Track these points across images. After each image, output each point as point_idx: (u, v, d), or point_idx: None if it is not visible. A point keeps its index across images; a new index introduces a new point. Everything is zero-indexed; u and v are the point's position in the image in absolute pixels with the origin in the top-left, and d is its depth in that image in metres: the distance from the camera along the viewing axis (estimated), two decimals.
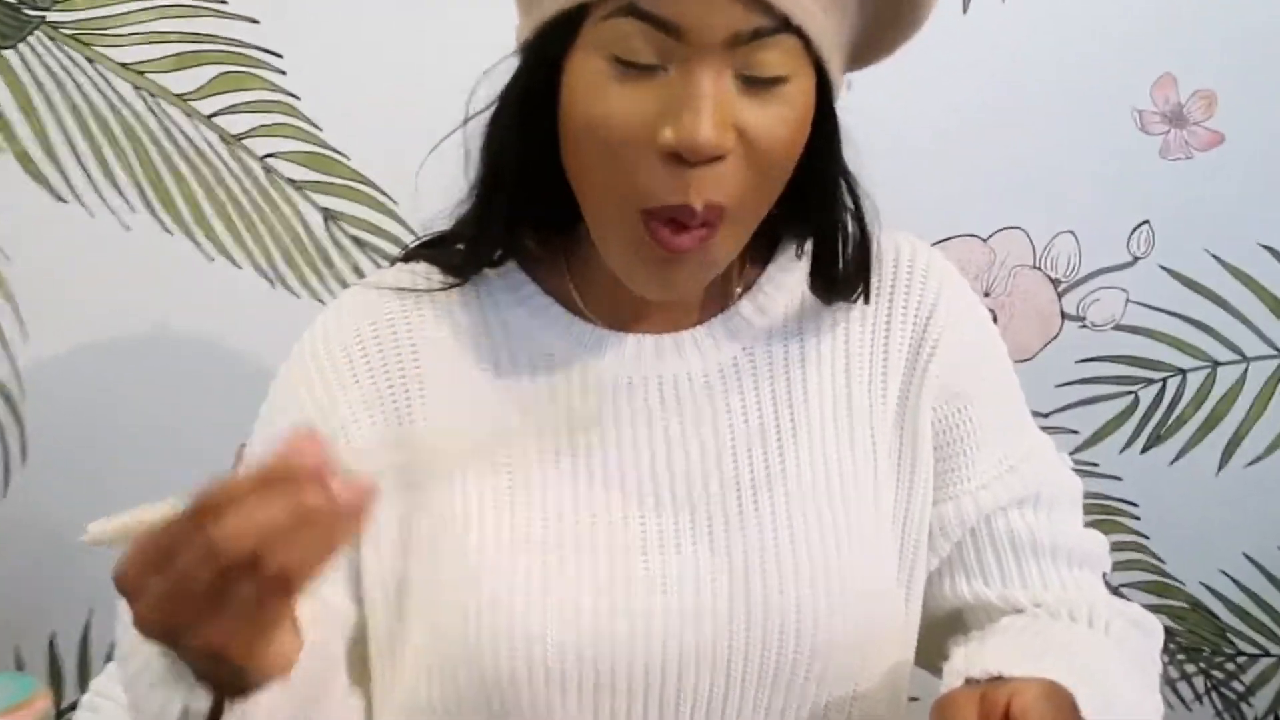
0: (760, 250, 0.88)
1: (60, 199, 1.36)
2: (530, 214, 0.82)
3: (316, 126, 1.38)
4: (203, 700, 0.63)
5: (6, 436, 1.41)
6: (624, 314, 0.84)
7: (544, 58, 0.74)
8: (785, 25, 0.70)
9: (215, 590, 0.54)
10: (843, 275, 0.84)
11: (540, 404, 0.84)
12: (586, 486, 0.83)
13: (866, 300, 0.86)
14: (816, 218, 0.83)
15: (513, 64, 0.78)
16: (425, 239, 0.89)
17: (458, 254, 0.84)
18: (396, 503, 0.83)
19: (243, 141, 1.37)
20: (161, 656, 0.63)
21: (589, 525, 0.82)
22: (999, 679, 0.72)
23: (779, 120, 0.72)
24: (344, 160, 1.39)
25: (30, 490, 1.41)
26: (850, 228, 0.83)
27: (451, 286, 0.85)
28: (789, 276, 0.87)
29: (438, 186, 0.84)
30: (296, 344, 0.88)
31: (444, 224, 0.87)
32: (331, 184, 1.40)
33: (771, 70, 0.71)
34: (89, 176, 1.36)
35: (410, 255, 0.89)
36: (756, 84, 0.71)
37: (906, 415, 0.87)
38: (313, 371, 0.85)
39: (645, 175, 0.72)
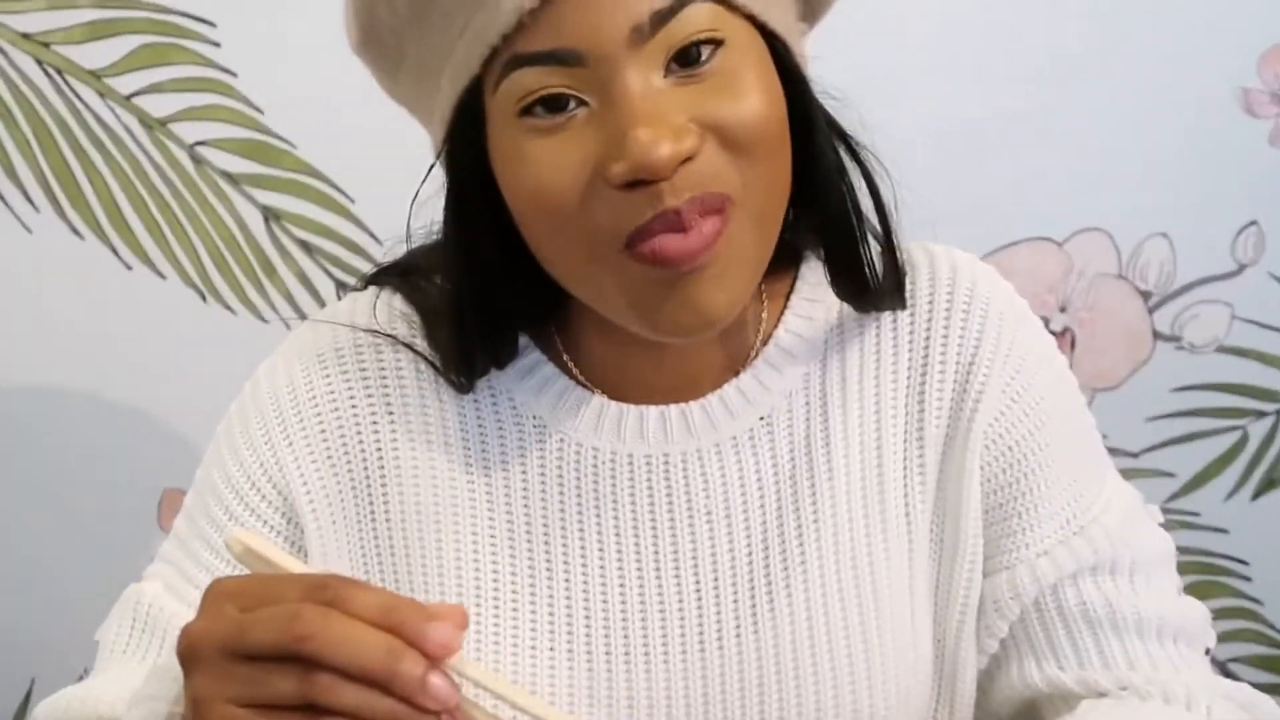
0: (776, 290, 0.89)
1: None
2: (518, 307, 0.83)
3: (256, 109, 1.38)
4: None
5: None
6: (627, 385, 0.85)
7: (465, 159, 0.75)
8: None
9: (251, 654, 0.58)
10: (868, 274, 0.83)
11: (525, 482, 0.85)
12: (570, 582, 0.84)
13: (902, 307, 0.86)
14: (820, 208, 0.82)
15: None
16: (395, 263, 0.90)
17: (444, 353, 0.84)
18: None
19: (168, 127, 1.37)
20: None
21: (567, 629, 0.83)
22: None
23: (731, 90, 0.72)
24: (289, 149, 1.39)
25: None
26: (854, 220, 0.82)
27: (459, 390, 0.85)
28: (810, 324, 0.87)
29: (400, 182, 0.83)
30: (246, 385, 0.89)
31: (415, 234, 0.87)
32: (274, 178, 1.40)
33: (698, 34, 0.70)
34: None
35: (379, 279, 0.89)
36: (689, 65, 0.71)
37: (949, 480, 0.87)
38: (243, 431, 0.87)
39: (608, 211, 0.71)
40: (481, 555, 0.84)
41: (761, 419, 0.86)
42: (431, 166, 0.80)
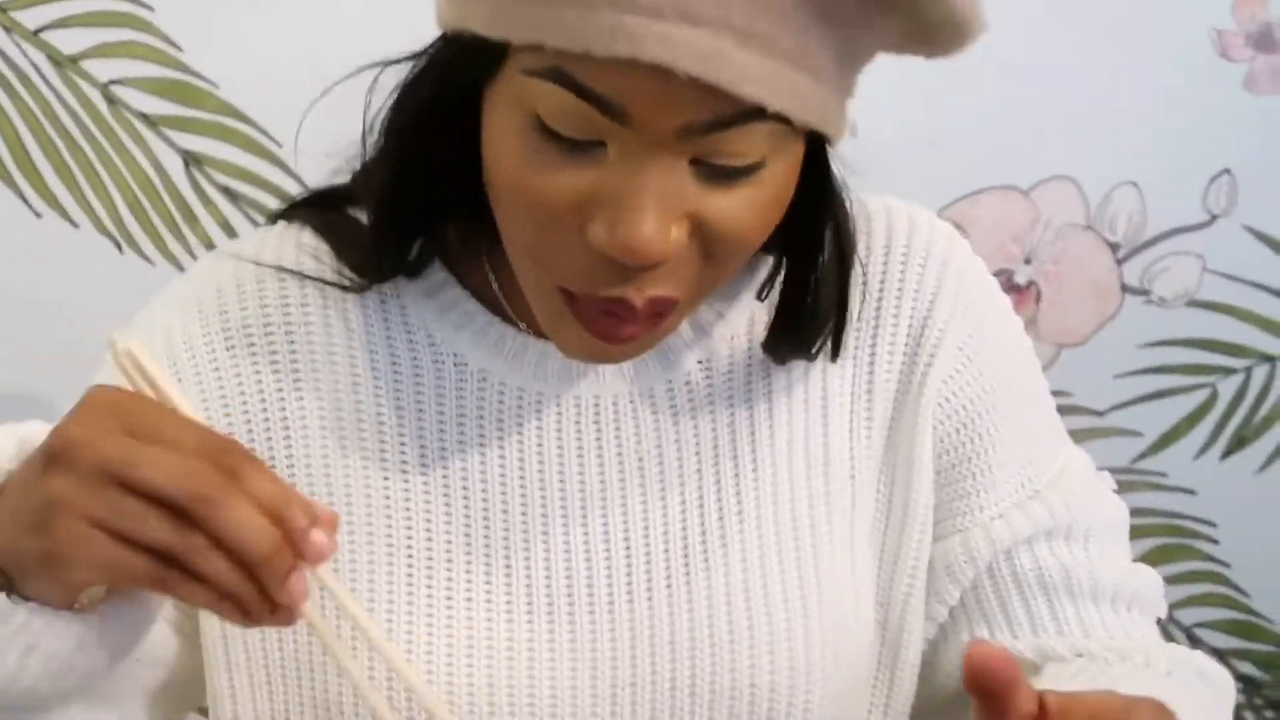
0: None
1: None
2: (449, 208, 0.81)
3: (176, 46, 1.36)
4: None
5: None
6: None
7: (460, 68, 0.73)
8: (758, 112, 0.66)
9: (135, 489, 0.59)
10: (814, 338, 0.84)
11: (442, 421, 0.85)
12: (490, 526, 0.84)
13: (833, 359, 0.86)
14: (793, 263, 0.83)
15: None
16: (310, 194, 0.87)
17: (360, 249, 0.83)
18: None
19: (79, 64, 1.35)
20: None
21: (496, 576, 0.83)
22: None
23: (747, 207, 0.71)
24: (211, 90, 1.37)
25: None
26: (826, 281, 0.82)
27: (354, 290, 0.84)
28: (752, 268, 0.87)
29: (331, 124, 0.81)
30: (139, 314, 0.87)
31: (340, 176, 0.85)
32: (195, 120, 1.38)
33: (743, 159, 0.69)
34: None
35: (291, 214, 0.88)
36: (721, 173, 0.69)
37: (900, 437, 0.88)
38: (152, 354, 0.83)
39: (570, 260, 0.71)
40: (393, 497, 0.84)
41: (699, 363, 0.86)
42: (376, 113, 0.78)
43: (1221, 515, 1.58)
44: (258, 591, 0.60)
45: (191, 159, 1.38)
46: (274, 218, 0.89)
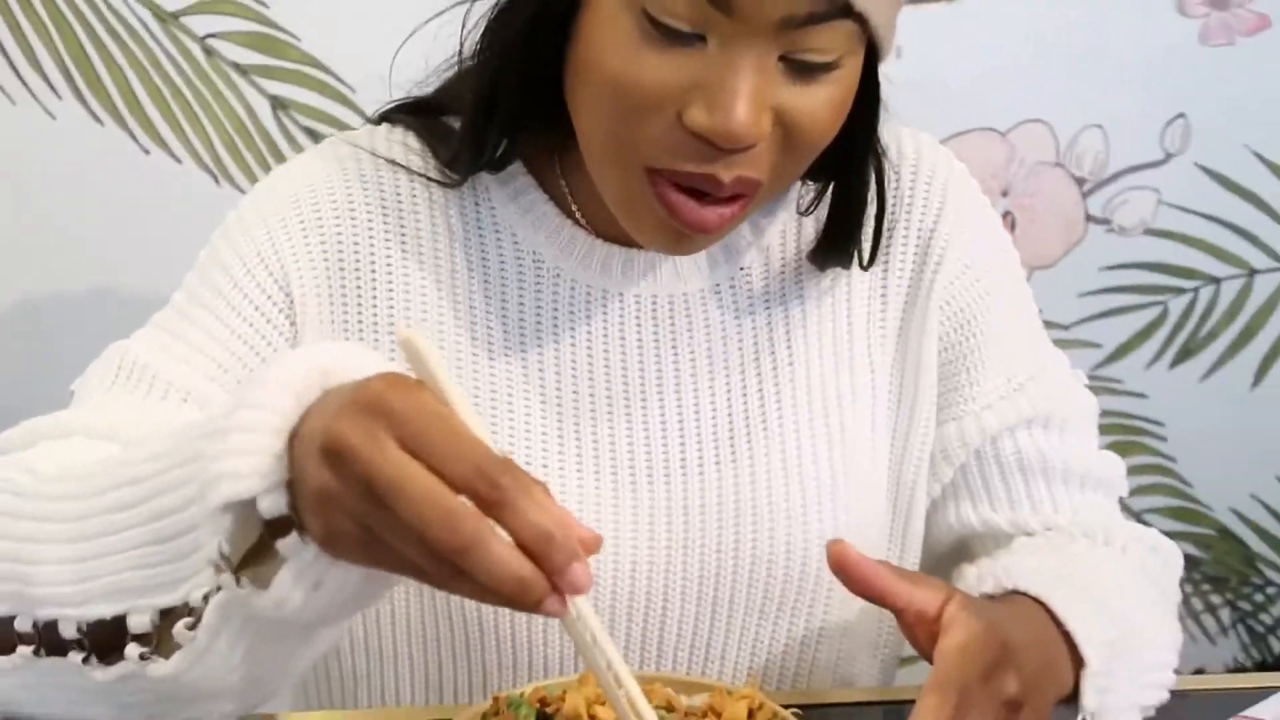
0: None
1: None
2: (532, 116, 0.80)
3: (262, 4, 1.36)
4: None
5: None
6: (620, 229, 0.83)
7: None
8: (846, 10, 0.68)
9: (396, 513, 0.51)
10: (854, 246, 0.85)
11: (522, 311, 0.85)
12: (561, 406, 0.84)
13: (866, 266, 0.86)
14: (842, 185, 0.83)
15: None
16: (406, 101, 0.87)
17: (451, 146, 0.82)
18: None
19: (180, 20, 1.35)
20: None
21: (568, 449, 0.84)
22: (1014, 594, 0.75)
23: (824, 104, 0.72)
24: (294, 42, 1.38)
25: None
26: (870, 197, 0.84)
27: (448, 186, 0.84)
28: (788, 194, 0.87)
29: (402, 74, 0.84)
30: (263, 180, 0.88)
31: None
32: (280, 68, 1.38)
33: (824, 56, 0.70)
34: (8, 59, 1.35)
35: (392, 117, 0.87)
36: (804, 68, 0.70)
37: (910, 336, 0.89)
38: (254, 217, 0.84)
39: (661, 141, 0.71)
40: (481, 375, 0.84)
41: (741, 269, 0.87)
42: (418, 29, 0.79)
43: (1169, 416, 1.59)
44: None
45: (277, 103, 1.38)
46: (378, 119, 0.88)
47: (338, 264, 0.83)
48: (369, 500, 0.52)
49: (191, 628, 0.59)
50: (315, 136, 1.40)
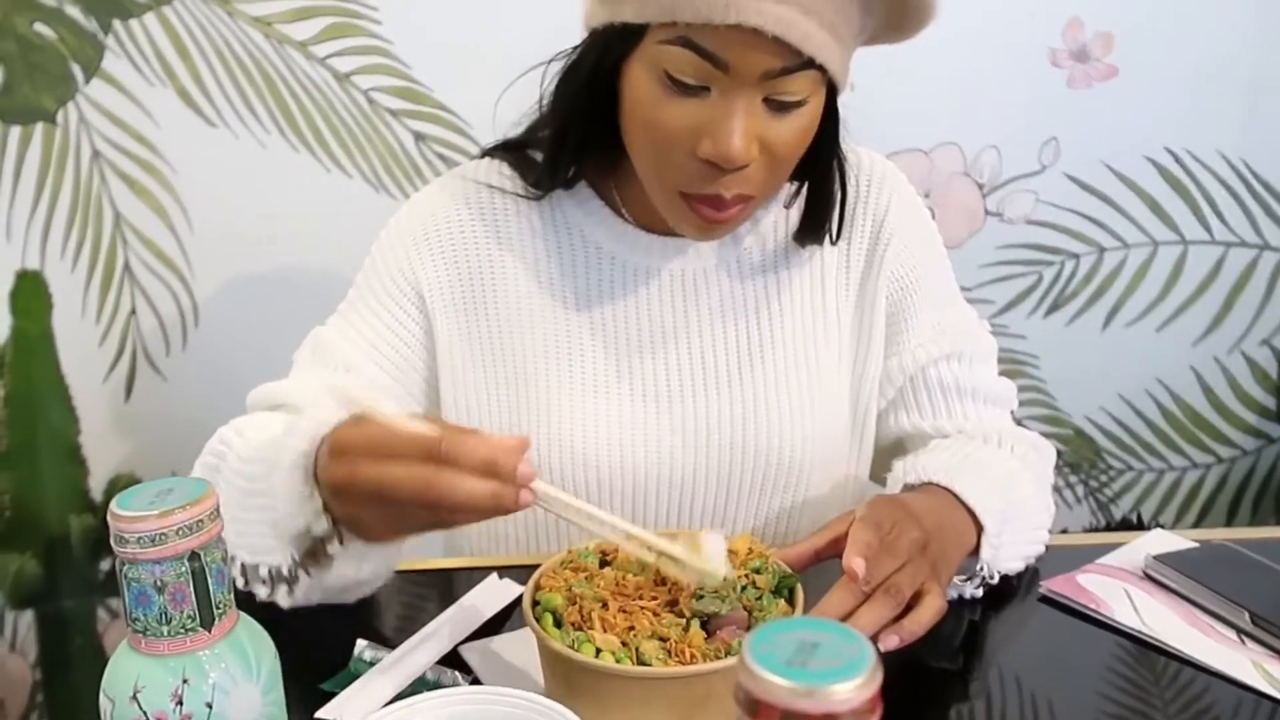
0: None
1: (211, 124, 1.35)
2: (593, 146, 0.79)
3: (407, 66, 1.36)
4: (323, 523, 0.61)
5: (182, 304, 1.42)
6: (656, 219, 0.82)
7: (609, 50, 0.72)
8: (810, 63, 0.67)
9: (401, 498, 0.54)
10: (826, 228, 0.83)
11: (589, 284, 0.84)
12: (617, 349, 0.84)
13: (835, 242, 0.85)
14: (815, 184, 0.82)
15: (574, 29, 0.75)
16: (502, 142, 0.86)
17: (536, 169, 0.82)
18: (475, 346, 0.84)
19: (350, 78, 1.36)
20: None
21: (624, 377, 0.83)
22: (929, 484, 0.75)
23: (795, 131, 0.71)
24: (429, 93, 1.37)
25: (201, 346, 1.43)
26: (835, 189, 0.82)
27: (534, 198, 0.83)
28: (778, 194, 0.85)
29: (505, 116, 0.84)
30: (402, 208, 0.87)
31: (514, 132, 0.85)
32: (420, 112, 1.37)
33: (795, 96, 0.70)
34: (233, 107, 1.35)
35: (492, 153, 0.87)
36: (781, 106, 0.69)
37: (865, 297, 0.87)
38: (398, 239, 0.84)
39: (685, 170, 0.71)
40: (558, 329, 0.83)
41: (745, 247, 0.86)
42: (511, 84, 0.78)
43: (1041, 351, 1.56)
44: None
45: (419, 137, 1.38)
46: (482, 154, 0.87)
47: (454, 267, 0.83)
48: (373, 503, 0.56)
49: (293, 582, 0.64)
50: (445, 160, 1.39)
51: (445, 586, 0.81)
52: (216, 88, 1.34)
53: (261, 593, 0.66)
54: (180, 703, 0.45)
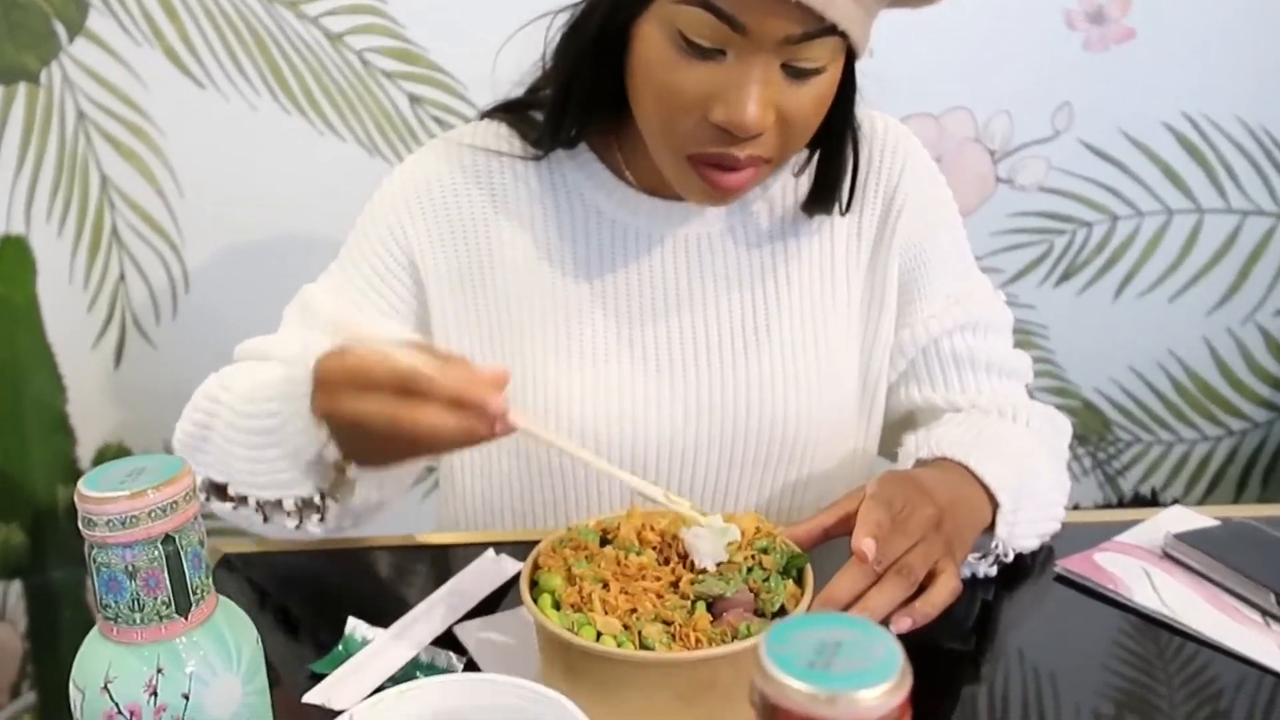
0: None
1: (200, 85, 1.32)
2: (597, 106, 0.77)
3: (402, 26, 1.32)
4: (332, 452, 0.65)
5: (172, 270, 1.40)
6: (660, 183, 0.80)
7: (620, 6, 0.70)
8: (831, 29, 0.65)
9: (374, 430, 0.57)
10: (836, 198, 0.81)
11: (589, 250, 0.82)
12: (619, 316, 0.82)
13: (844, 214, 0.83)
14: (826, 153, 0.80)
15: None
16: (502, 103, 0.84)
17: (536, 129, 0.80)
18: (473, 314, 0.83)
19: (343, 39, 1.32)
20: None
21: (624, 348, 0.82)
22: (942, 459, 0.72)
23: (812, 99, 0.69)
24: (425, 54, 1.34)
25: (192, 313, 1.41)
26: (848, 159, 0.80)
27: (534, 159, 0.81)
28: (789, 162, 0.83)
29: (505, 75, 0.82)
30: (395, 170, 0.85)
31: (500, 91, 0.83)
32: (415, 74, 1.35)
33: (814, 64, 0.68)
34: (222, 68, 1.32)
35: (491, 114, 0.85)
36: (799, 73, 0.67)
37: (877, 267, 0.85)
38: (389, 204, 0.83)
39: (695, 133, 0.69)
40: (558, 296, 0.81)
41: (753, 212, 0.83)
42: (506, 41, 0.77)
43: (1051, 321, 1.54)
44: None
45: (413, 99, 1.34)
46: (481, 116, 0.86)
47: (448, 232, 0.81)
48: (355, 433, 0.59)
49: (322, 509, 0.68)
50: (441, 123, 1.36)
51: (440, 562, 0.81)
52: (205, 48, 1.31)
53: (290, 525, 0.69)
54: (155, 694, 0.43)
